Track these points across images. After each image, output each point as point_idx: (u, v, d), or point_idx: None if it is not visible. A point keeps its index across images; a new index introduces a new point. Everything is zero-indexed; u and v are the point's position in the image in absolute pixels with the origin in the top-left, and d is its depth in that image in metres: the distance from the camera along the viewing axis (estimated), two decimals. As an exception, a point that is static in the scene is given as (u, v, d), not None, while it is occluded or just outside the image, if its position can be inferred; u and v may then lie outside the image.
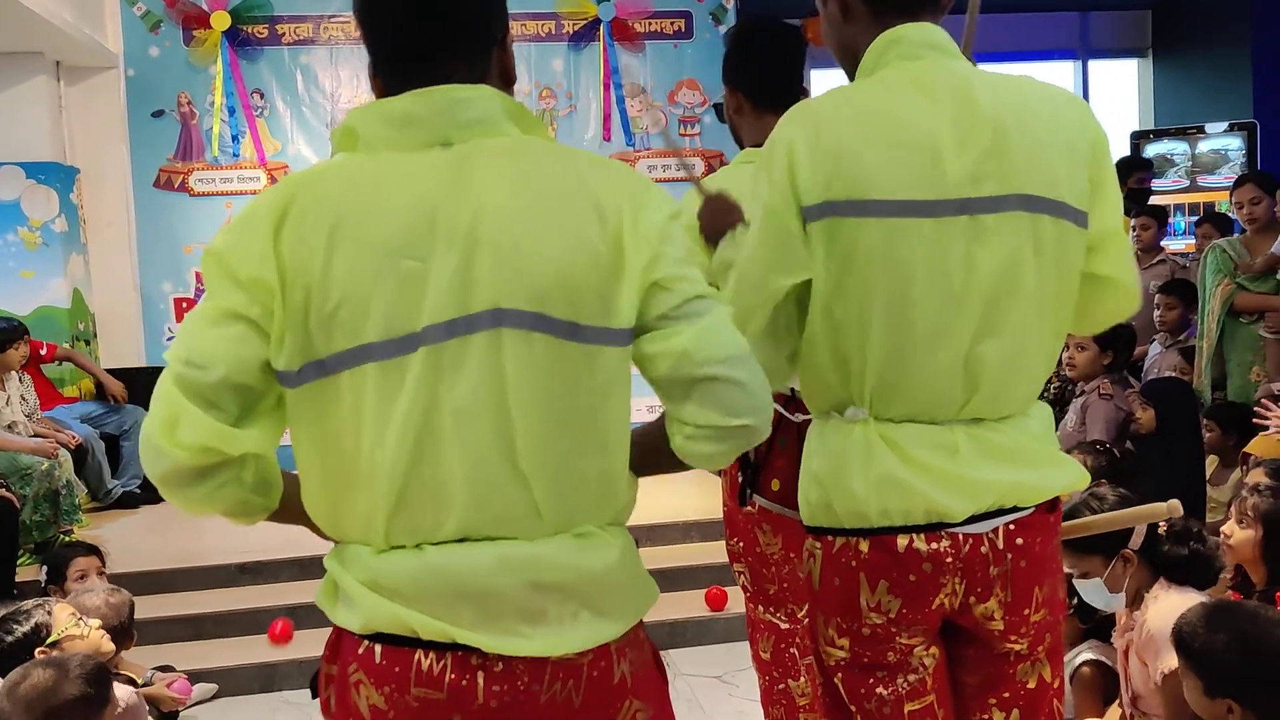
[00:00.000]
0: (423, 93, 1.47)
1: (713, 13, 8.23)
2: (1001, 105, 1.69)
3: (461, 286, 1.39)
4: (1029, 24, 9.94)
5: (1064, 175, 1.71)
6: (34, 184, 7.08)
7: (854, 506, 1.72)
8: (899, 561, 1.72)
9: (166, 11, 7.68)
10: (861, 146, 1.65)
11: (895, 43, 1.74)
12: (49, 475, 5.68)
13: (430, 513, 1.43)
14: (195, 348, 1.41)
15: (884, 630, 1.75)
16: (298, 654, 4.75)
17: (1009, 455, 1.74)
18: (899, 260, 1.66)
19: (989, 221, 1.67)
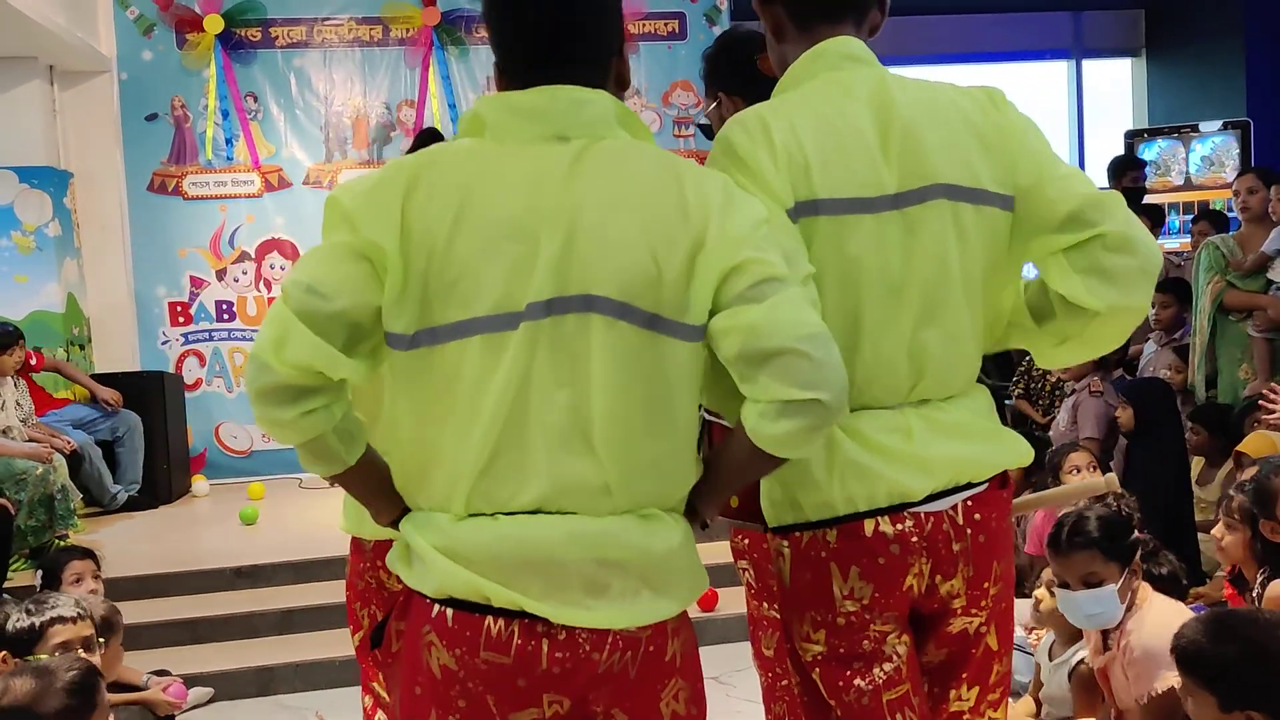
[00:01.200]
0: (548, 90, 1.61)
1: (706, 14, 8.24)
2: (913, 104, 1.78)
3: (560, 270, 1.53)
4: (1022, 24, 9.96)
5: (980, 163, 1.78)
6: (27, 188, 7.07)
7: (819, 497, 1.76)
8: (867, 546, 1.76)
9: (160, 15, 7.67)
10: (810, 151, 1.72)
11: (819, 56, 1.82)
12: (44, 480, 5.67)
13: (511, 483, 1.55)
14: (320, 277, 1.53)
15: (858, 618, 1.78)
16: (294, 657, 4.74)
17: (958, 432, 1.80)
18: (848, 256, 1.73)
19: (916, 213, 1.75)
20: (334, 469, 1.63)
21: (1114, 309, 1.75)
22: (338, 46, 7.90)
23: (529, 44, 1.64)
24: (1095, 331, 1.81)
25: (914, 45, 9.79)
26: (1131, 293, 1.75)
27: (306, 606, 5.04)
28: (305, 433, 1.57)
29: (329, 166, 7.93)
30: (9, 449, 5.75)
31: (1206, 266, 5.62)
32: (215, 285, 7.83)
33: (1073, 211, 1.75)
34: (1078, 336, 1.83)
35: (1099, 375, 5.36)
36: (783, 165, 1.71)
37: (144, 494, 6.85)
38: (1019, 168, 1.80)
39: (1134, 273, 1.75)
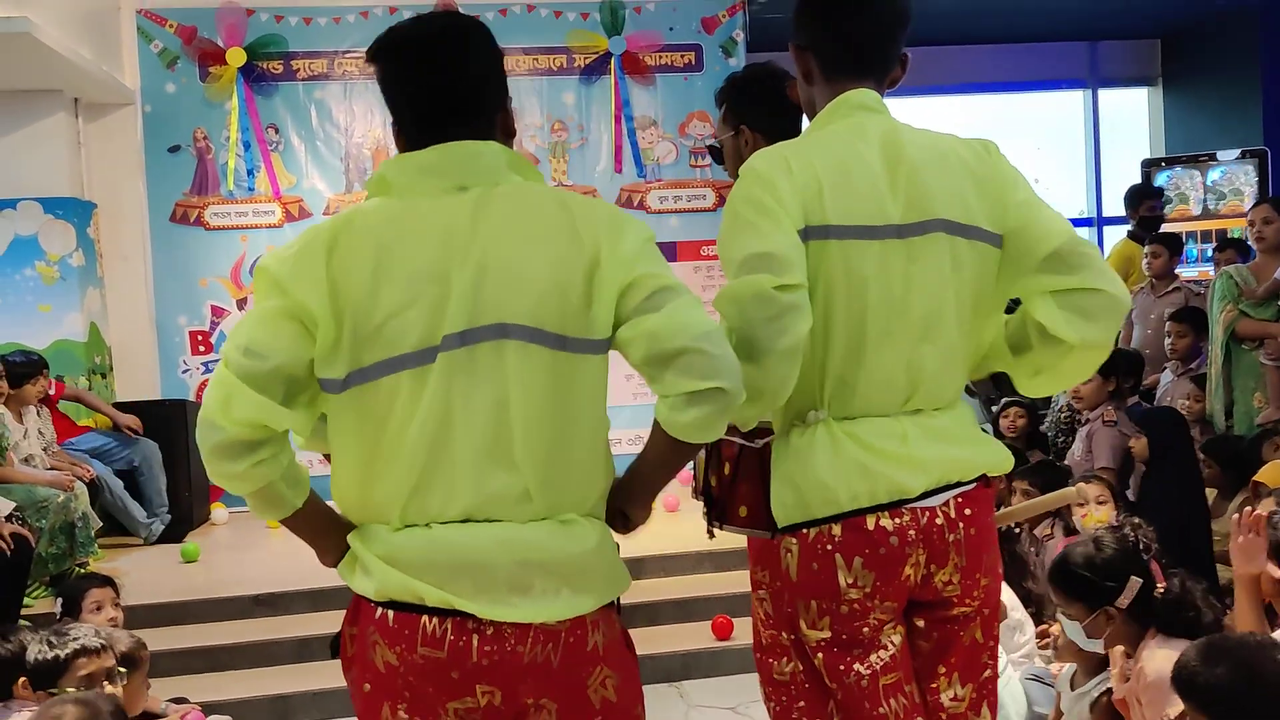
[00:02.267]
0: (443, 148, 1.81)
1: (723, 46, 8.29)
2: (918, 148, 2.02)
3: (472, 304, 1.71)
4: (1038, 54, 9.99)
5: (975, 203, 2.01)
6: (52, 219, 7.16)
7: (826, 495, 1.97)
8: (870, 538, 1.97)
9: (183, 48, 7.77)
10: (824, 182, 1.95)
11: (841, 104, 2.07)
12: (65, 508, 5.71)
13: (440, 496, 1.74)
14: (256, 339, 1.72)
15: (860, 605, 1.99)
16: (311, 686, 4.75)
17: (948, 436, 2.03)
18: (855, 277, 1.94)
19: (917, 243, 1.97)
20: (284, 513, 1.82)
21: (1086, 343, 2.00)
22: (358, 78, 7.98)
23: (420, 109, 1.83)
24: (1068, 364, 2.05)
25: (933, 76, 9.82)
26: (1103, 329, 2.00)
27: (324, 634, 5.05)
28: (256, 482, 1.75)
29: (349, 197, 8.00)
30: (31, 477, 5.79)
31: (1220, 295, 5.61)
32: (236, 314, 7.89)
33: (1056, 250, 1.99)
34: (1051, 369, 2.07)
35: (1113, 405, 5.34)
36: (798, 190, 1.93)
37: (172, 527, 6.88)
38: (1009, 211, 2.04)
39: (1107, 311, 1.99)
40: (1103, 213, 10.26)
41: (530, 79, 8.12)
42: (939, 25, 9.24)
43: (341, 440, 1.81)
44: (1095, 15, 9.38)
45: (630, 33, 8.15)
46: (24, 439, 5.98)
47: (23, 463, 5.89)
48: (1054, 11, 9.11)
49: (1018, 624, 4.07)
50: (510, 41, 8.06)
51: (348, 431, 1.79)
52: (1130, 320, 6.76)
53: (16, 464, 5.82)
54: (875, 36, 2.08)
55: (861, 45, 2.08)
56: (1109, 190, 10.06)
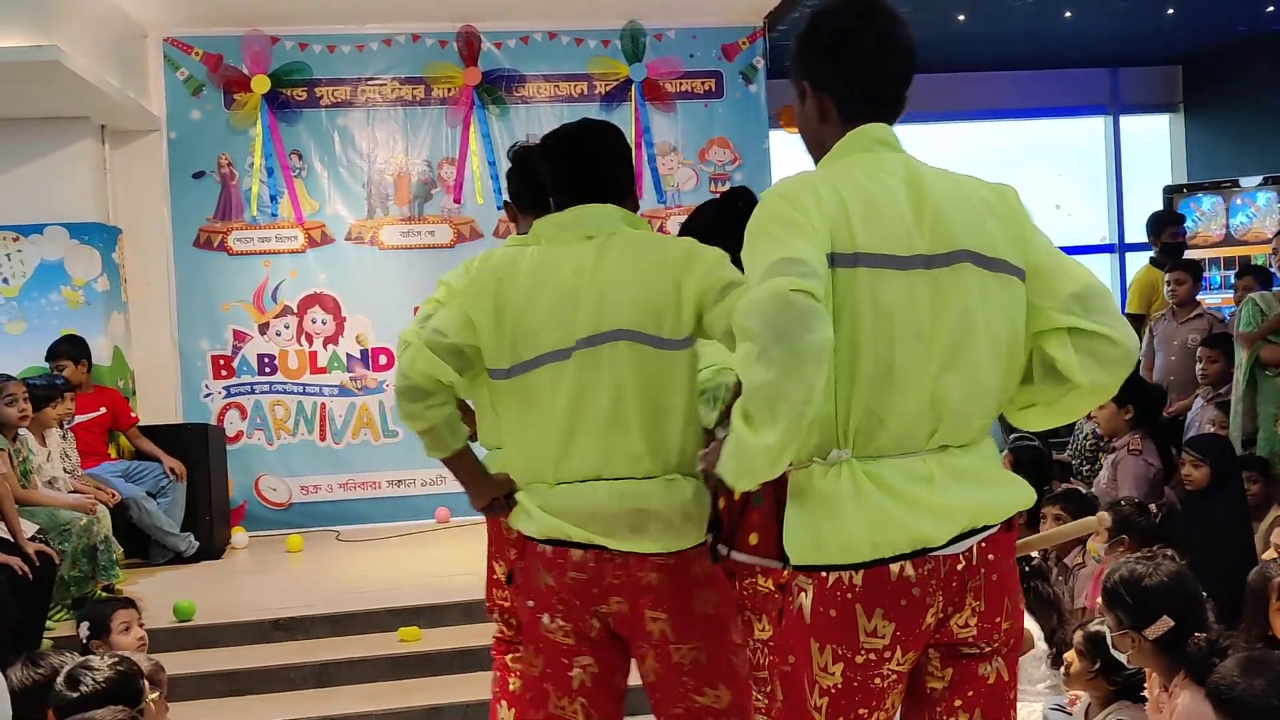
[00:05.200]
0: (575, 210, 2.54)
1: (743, 72, 8.33)
2: (940, 185, 2.01)
3: (595, 316, 2.40)
4: (1060, 80, 9.99)
5: (999, 238, 2.01)
6: (77, 244, 7.22)
7: (846, 542, 1.92)
8: (892, 589, 1.92)
9: (209, 76, 7.85)
10: (851, 209, 1.93)
11: (859, 136, 2.06)
12: (87, 531, 5.73)
13: (578, 459, 2.41)
14: (443, 323, 2.47)
15: (878, 655, 1.95)
16: (330, 710, 4.75)
17: (974, 477, 1.98)
18: (882, 307, 1.91)
19: (944, 275, 1.95)
20: (444, 453, 2.52)
21: (1095, 388, 2.01)
22: (381, 105, 8.04)
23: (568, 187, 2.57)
24: (1066, 403, 2.06)
25: (954, 102, 9.85)
26: (1114, 377, 2.01)
27: (344, 660, 5.06)
28: (428, 421, 2.45)
29: (371, 223, 8.04)
30: (54, 500, 5.82)
31: (1245, 322, 5.58)
32: (258, 339, 7.94)
33: (1077, 293, 2.00)
34: (1048, 405, 2.08)
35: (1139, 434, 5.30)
36: (826, 215, 1.90)
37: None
38: (1029, 248, 2.04)
39: (1121, 362, 2.00)
40: (1124, 239, 10.22)
41: (551, 105, 8.17)
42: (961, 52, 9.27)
43: (509, 418, 2.49)
44: (1117, 42, 9.38)
45: (651, 59, 8.19)
46: (47, 461, 6.02)
47: (46, 485, 5.93)
48: (1075, 38, 9.11)
49: (1044, 655, 4.03)
50: (531, 68, 8.12)
51: (513, 411, 2.47)
52: (1153, 347, 6.73)
53: (40, 487, 5.86)
54: (896, 78, 2.08)
55: (885, 90, 2.08)
56: (1130, 217, 10.03)
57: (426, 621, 5.36)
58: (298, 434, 7.94)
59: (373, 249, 8.04)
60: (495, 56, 8.11)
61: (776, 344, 1.74)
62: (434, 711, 4.73)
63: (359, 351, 8.02)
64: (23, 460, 5.76)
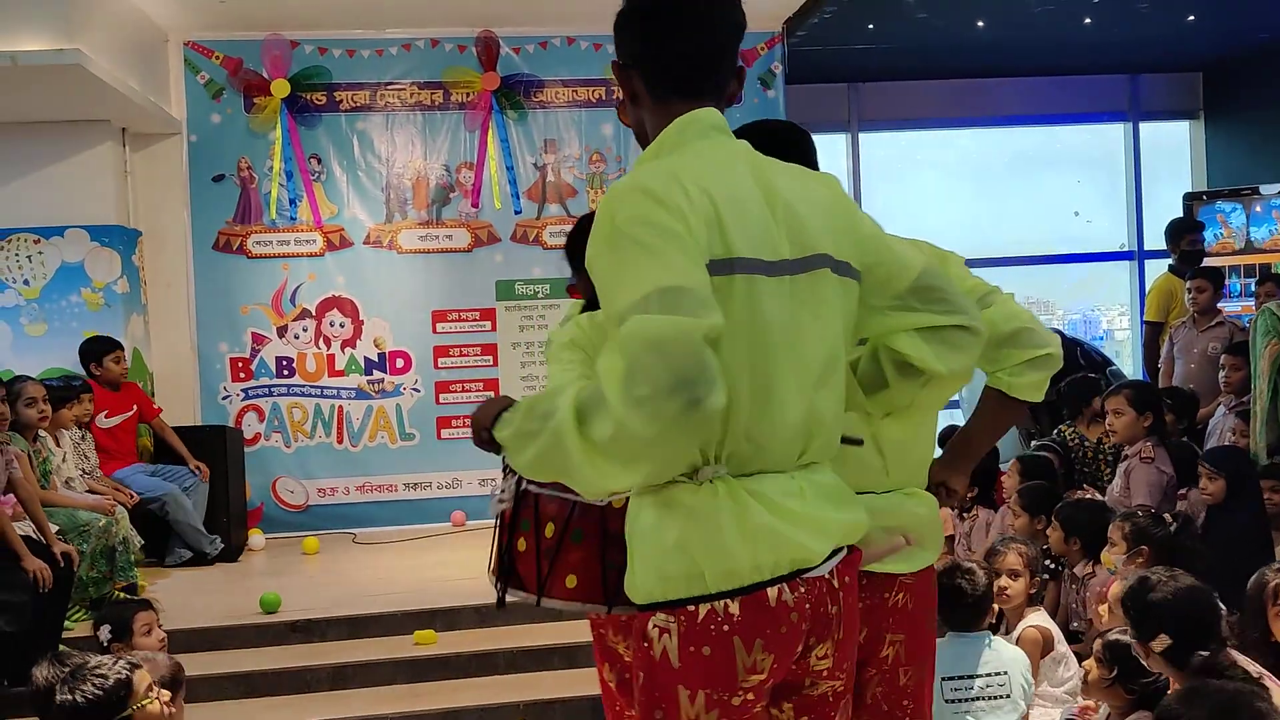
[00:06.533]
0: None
1: (760, 78, 8.32)
2: (785, 178, 1.84)
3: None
4: (1079, 86, 9.95)
5: (841, 236, 1.85)
6: (98, 246, 7.27)
7: (727, 565, 1.71)
8: (772, 616, 1.72)
9: (229, 80, 7.89)
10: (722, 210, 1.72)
11: (691, 123, 1.85)
12: (106, 532, 5.76)
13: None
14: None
15: (755, 693, 1.74)
16: (346, 713, 4.75)
17: (835, 496, 1.85)
18: (760, 318, 1.73)
19: (805, 281, 1.79)
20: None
21: (955, 373, 1.93)
22: (399, 110, 8.07)
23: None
24: (925, 396, 1.98)
25: (973, 107, 9.83)
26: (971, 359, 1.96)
27: (359, 662, 5.07)
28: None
29: (389, 227, 8.07)
30: (73, 500, 5.85)
31: (1264, 331, 5.53)
32: (276, 342, 7.97)
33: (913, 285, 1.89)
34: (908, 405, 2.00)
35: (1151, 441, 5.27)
36: (701, 217, 1.69)
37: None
38: (862, 244, 1.89)
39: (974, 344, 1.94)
40: (1144, 246, 10.17)
41: (569, 110, 8.18)
42: (980, 58, 9.25)
43: None
44: (1137, 48, 9.34)
45: (669, 65, 8.18)
46: (63, 462, 6.06)
47: (63, 486, 5.96)
48: (1095, 44, 9.08)
49: (1062, 657, 4.01)
50: (549, 73, 8.14)
51: None
52: (1172, 355, 6.69)
53: (59, 488, 5.89)
54: (706, 51, 1.87)
55: (692, 61, 1.86)
56: (1150, 224, 9.98)
57: (442, 624, 5.36)
58: (315, 436, 7.96)
59: (391, 253, 8.07)
60: (514, 61, 8.12)
61: (671, 399, 1.54)
62: (450, 714, 4.74)
63: (376, 355, 8.04)
64: (42, 461, 5.79)
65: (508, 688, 4.94)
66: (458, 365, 8.09)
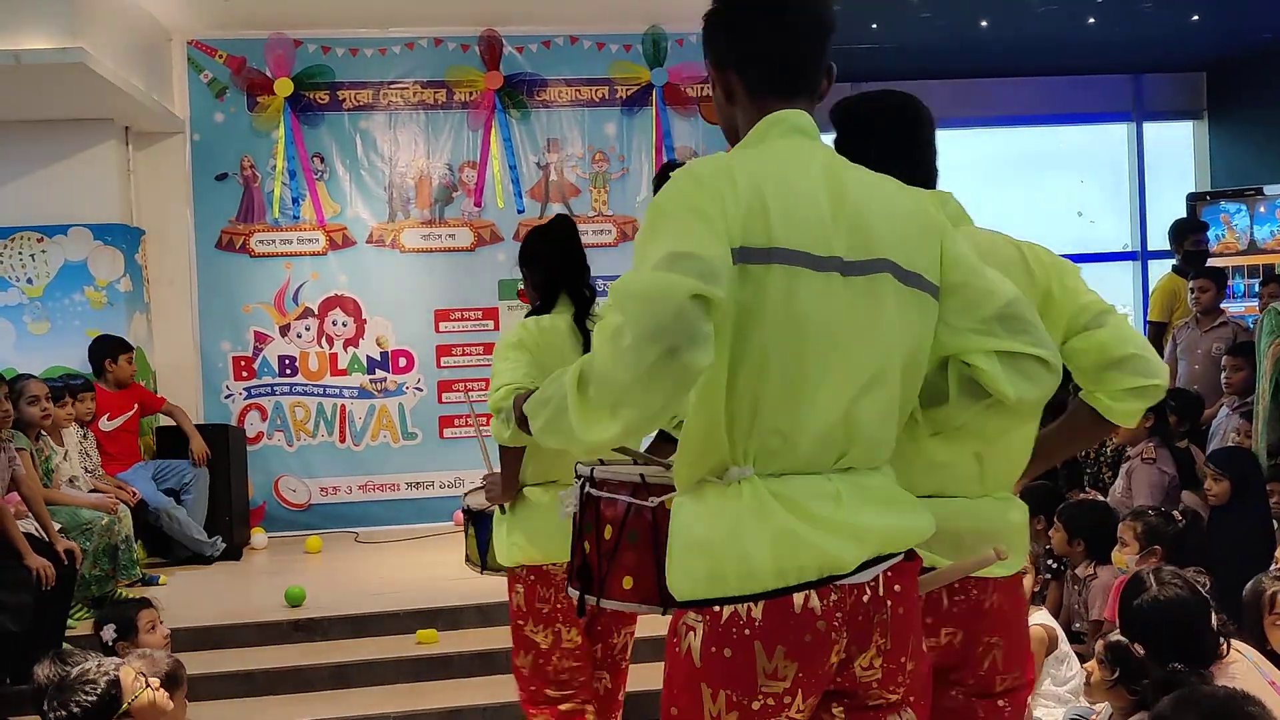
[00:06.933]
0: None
1: (764, 77, 8.31)
2: (861, 184, 1.84)
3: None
4: (1083, 87, 9.94)
5: (918, 250, 1.84)
6: (101, 245, 7.28)
7: (748, 569, 1.70)
8: (796, 622, 1.70)
9: (232, 79, 7.90)
10: (770, 200, 1.73)
11: (776, 123, 1.88)
12: (109, 530, 5.77)
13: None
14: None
15: (777, 701, 1.72)
16: (348, 711, 4.75)
17: (883, 501, 1.81)
18: (797, 311, 1.71)
19: (862, 283, 1.77)
20: None
21: (1024, 403, 1.88)
22: (403, 109, 8.07)
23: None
24: (980, 422, 1.92)
25: (977, 107, 9.82)
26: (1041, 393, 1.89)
27: (361, 661, 5.07)
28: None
29: (392, 226, 8.07)
30: (76, 499, 5.86)
31: (1269, 330, 5.53)
32: (279, 341, 7.97)
33: (1001, 311, 1.87)
34: (963, 427, 1.94)
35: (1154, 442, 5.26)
36: (741, 205, 1.70)
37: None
38: (949, 263, 1.88)
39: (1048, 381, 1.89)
40: (1147, 246, 10.17)
41: (572, 110, 8.18)
42: (983, 58, 9.24)
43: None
44: (1140, 48, 9.33)
45: (672, 64, 8.20)
46: (64, 460, 6.06)
47: (66, 484, 5.97)
48: (1099, 45, 9.07)
49: (1065, 656, 4.01)
50: (552, 72, 8.14)
51: None
52: (1175, 355, 6.68)
53: (62, 486, 5.90)
54: (801, 52, 1.90)
55: (787, 61, 1.89)
56: (1153, 224, 9.97)
57: (444, 624, 5.36)
58: (318, 435, 7.97)
59: (393, 252, 8.07)
60: (517, 60, 8.12)
61: (650, 345, 1.55)
62: (451, 714, 4.73)
63: (379, 354, 8.05)
64: (45, 460, 5.80)
65: (509, 687, 4.90)
66: (460, 364, 8.10)
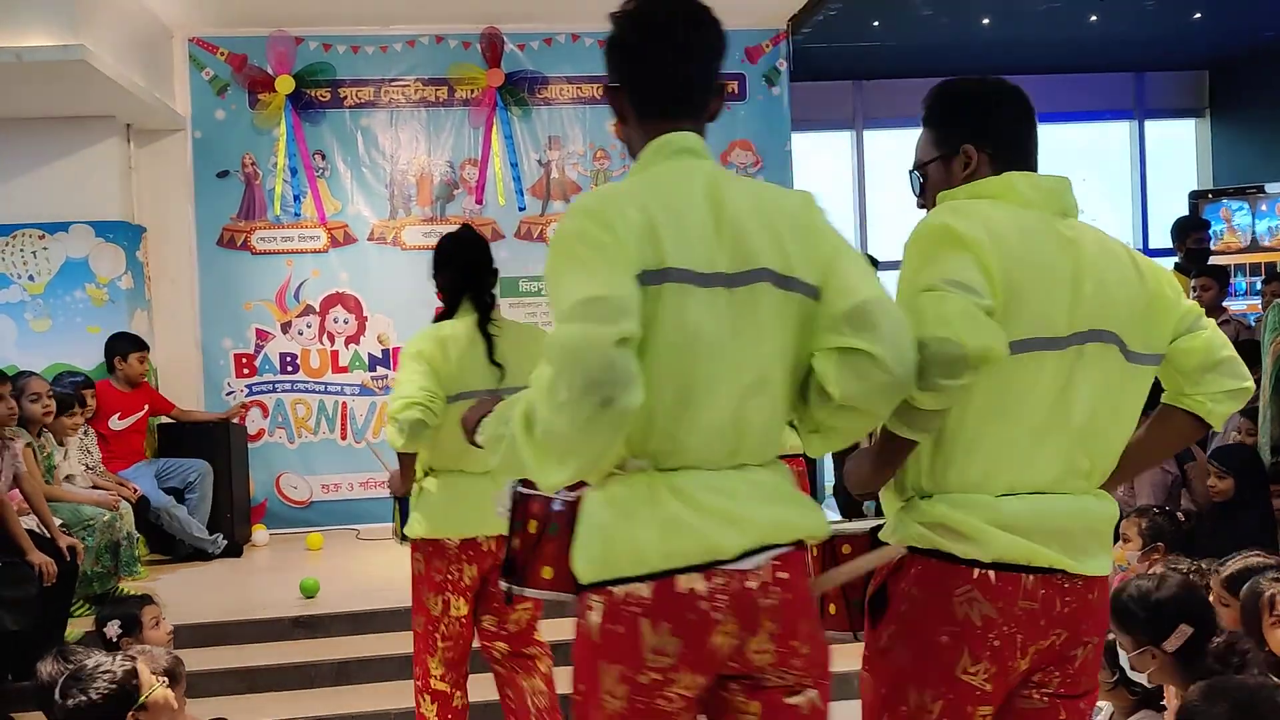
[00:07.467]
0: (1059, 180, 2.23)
1: (765, 75, 8.32)
2: (740, 197, 1.95)
3: (1096, 309, 2.11)
4: (1084, 85, 9.93)
5: (797, 254, 1.94)
6: (103, 242, 7.28)
7: (637, 551, 1.86)
8: (679, 602, 1.85)
9: (233, 76, 7.90)
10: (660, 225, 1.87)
11: (662, 147, 2.01)
12: (110, 527, 5.77)
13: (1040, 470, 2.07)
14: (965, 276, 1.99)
15: (662, 676, 1.87)
16: (349, 709, 4.76)
17: (773, 495, 1.95)
18: (687, 325, 1.86)
19: (744, 294, 1.90)
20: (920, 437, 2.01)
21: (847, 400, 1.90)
22: (404, 106, 8.07)
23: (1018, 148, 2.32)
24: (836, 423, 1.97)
25: (974, 106, 9.78)
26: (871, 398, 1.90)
27: (363, 658, 5.07)
28: (953, 401, 1.96)
29: (393, 223, 8.07)
30: (77, 496, 5.86)
31: (1272, 327, 5.52)
32: (280, 338, 7.98)
33: (853, 308, 1.91)
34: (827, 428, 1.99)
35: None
36: (634, 233, 1.84)
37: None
38: (822, 263, 1.96)
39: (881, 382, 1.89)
40: (1149, 245, 10.16)
41: (574, 107, 8.18)
42: (985, 56, 9.23)
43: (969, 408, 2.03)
44: (1142, 46, 9.33)
45: (674, 62, 8.18)
46: (64, 459, 6.07)
47: (65, 481, 5.97)
48: (1100, 42, 9.07)
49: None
50: (554, 70, 8.14)
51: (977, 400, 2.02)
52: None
53: (61, 483, 5.90)
54: (687, 75, 2.03)
55: (673, 85, 2.03)
56: (1155, 222, 9.97)
57: (445, 621, 5.36)
58: (319, 432, 7.97)
59: (395, 249, 8.07)
60: (518, 58, 8.12)
61: (586, 399, 1.69)
62: (452, 711, 4.73)
63: (380, 351, 8.05)
64: (46, 456, 5.80)
65: (511, 684, 4.93)
66: (461, 362, 8.09)
